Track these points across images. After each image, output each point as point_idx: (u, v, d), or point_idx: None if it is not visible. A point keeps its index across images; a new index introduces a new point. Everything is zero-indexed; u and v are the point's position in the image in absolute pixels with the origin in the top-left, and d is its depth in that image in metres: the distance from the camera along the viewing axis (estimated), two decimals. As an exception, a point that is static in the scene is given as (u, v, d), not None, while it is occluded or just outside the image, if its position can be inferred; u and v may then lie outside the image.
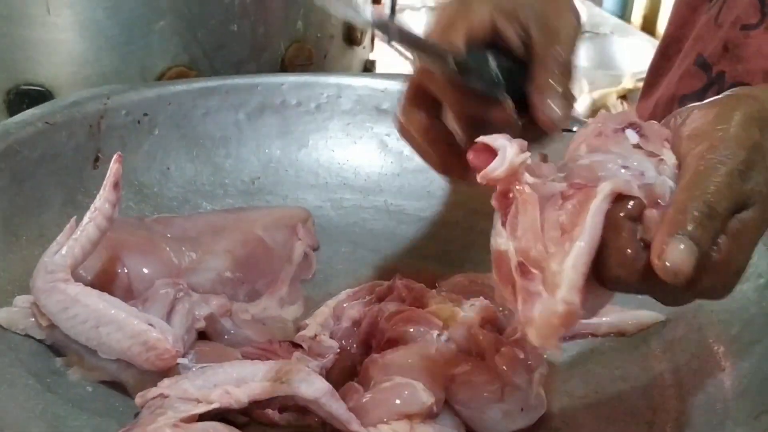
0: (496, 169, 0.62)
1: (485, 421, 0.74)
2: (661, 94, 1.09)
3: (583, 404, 0.79)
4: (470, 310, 0.80)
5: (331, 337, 0.82)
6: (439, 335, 0.77)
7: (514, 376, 0.75)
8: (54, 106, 0.93)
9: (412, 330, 0.78)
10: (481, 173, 0.63)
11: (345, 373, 0.78)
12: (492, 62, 0.73)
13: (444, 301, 0.81)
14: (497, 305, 0.81)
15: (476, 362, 0.75)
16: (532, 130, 0.73)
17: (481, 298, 0.82)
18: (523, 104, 0.73)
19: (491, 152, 0.63)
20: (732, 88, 0.94)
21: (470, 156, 0.64)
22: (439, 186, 1.02)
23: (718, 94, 0.97)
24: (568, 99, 0.73)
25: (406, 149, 1.03)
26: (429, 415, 0.73)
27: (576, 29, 0.75)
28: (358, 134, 1.05)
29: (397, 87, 1.04)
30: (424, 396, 0.72)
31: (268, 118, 1.03)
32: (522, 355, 0.76)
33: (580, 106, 2.39)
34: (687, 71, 1.04)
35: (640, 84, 2.35)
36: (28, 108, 0.99)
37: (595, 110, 2.40)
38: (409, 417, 0.71)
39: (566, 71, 0.73)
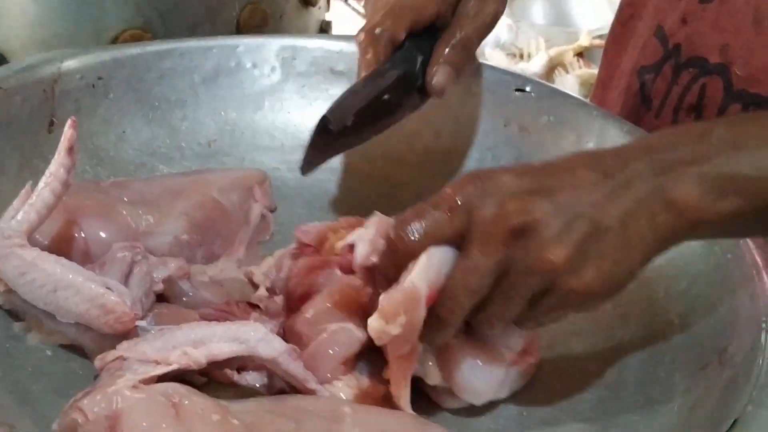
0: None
1: None
2: (624, 65, 1.10)
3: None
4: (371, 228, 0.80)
5: (272, 287, 0.83)
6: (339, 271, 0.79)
7: None
8: (7, 70, 0.92)
9: (319, 278, 0.80)
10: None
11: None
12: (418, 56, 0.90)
13: (343, 235, 0.81)
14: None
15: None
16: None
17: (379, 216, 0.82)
18: None
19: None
20: (688, 60, 0.96)
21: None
22: (393, 147, 1.03)
23: (674, 67, 0.99)
24: (455, 71, 0.90)
25: (362, 111, 1.04)
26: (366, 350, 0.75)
27: (493, 17, 0.91)
28: (313, 96, 1.05)
29: (351, 48, 1.05)
30: (359, 333, 0.74)
31: (224, 80, 1.03)
32: None
33: (537, 65, 2.41)
34: (647, 42, 1.05)
35: (597, 41, 2.38)
36: (-19, 71, 0.99)
37: (552, 67, 2.42)
38: (347, 362, 0.74)
39: (465, 52, 0.90)
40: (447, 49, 0.90)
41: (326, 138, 0.86)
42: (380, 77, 0.88)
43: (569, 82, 2.38)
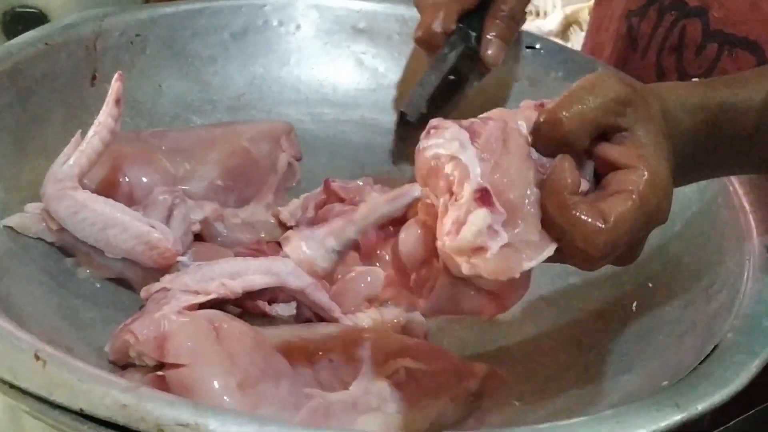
0: None
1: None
2: (614, 10, 1.16)
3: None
4: None
5: (296, 224, 0.92)
6: None
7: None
8: (52, 27, 0.99)
9: None
10: None
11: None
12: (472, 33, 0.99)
13: (379, 194, 0.90)
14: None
15: None
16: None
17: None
18: None
19: None
20: (671, 4, 1.02)
21: None
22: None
23: (658, 11, 1.05)
24: (506, 42, 0.99)
25: (381, 67, 1.12)
26: None
27: None
28: (336, 53, 1.12)
29: (372, 7, 1.12)
30: (384, 277, 0.81)
31: (252, 37, 1.10)
32: None
33: (553, 22, 2.46)
34: None
35: (612, 0, 2.42)
36: (23, 30, 1.05)
37: (567, 25, 2.46)
38: (372, 300, 0.81)
39: (510, 22, 0.99)
40: (496, 22, 0.99)
41: (408, 129, 0.95)
42: (442, 62, 0.98)
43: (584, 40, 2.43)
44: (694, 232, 0.88)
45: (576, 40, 2.43)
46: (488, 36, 0.99)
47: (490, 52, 0.99)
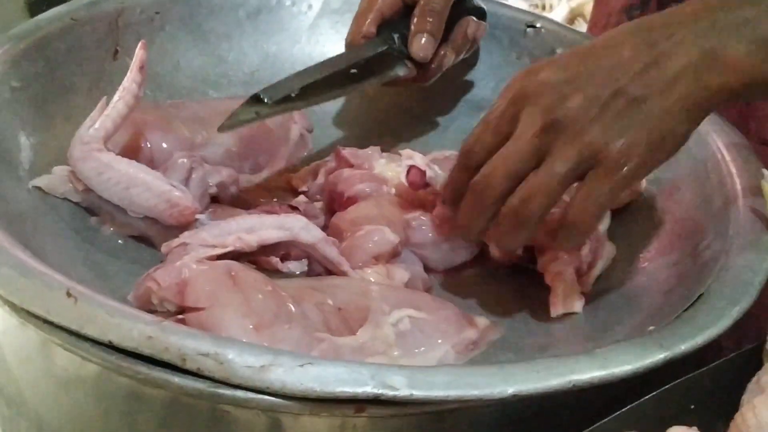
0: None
1: (436, 257, 0.91)
2: (614, 4, 1.18)
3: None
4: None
5: (307, 191, 0.98)
6: (388, 190, 0.93)
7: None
8: (77, 3, 1.04)
9: (366, 188, 0.93)
10: None
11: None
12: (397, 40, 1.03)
13: (386, 163, 0.96)
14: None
15: (422, 210, 0.91)
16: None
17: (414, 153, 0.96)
18: None
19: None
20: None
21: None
22: (419, 76, 1.15)
23: (659, 4, 1.08)
24: (434, 38, 1.02)
25: (389, 43, 1.16)
26: (395, 254, 0.88)
27: None
28: (345, 31, 1.16)
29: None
30: (391, 236, 0.87)
31: (265, 16, 1.15)
32: None
33: (558, 15, 2.50)
34: None
35: (617, -7, 2.46)
36: (47, 8, 1.11)
37: (572, 18, 2.51)
38: (379, 258, 0.86)
39: (434, 15, 1.02)
40: (420, 18, 1.02)
41: (258, 107, 0.92)
42: (341, 58, 1.02)
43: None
44: (683, 196, 0.93)
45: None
46: (414, 32, 1.01)
47: (415, 47, 1.01)
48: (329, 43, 1.16)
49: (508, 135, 0.77)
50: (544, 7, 2.56)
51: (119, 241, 0.89)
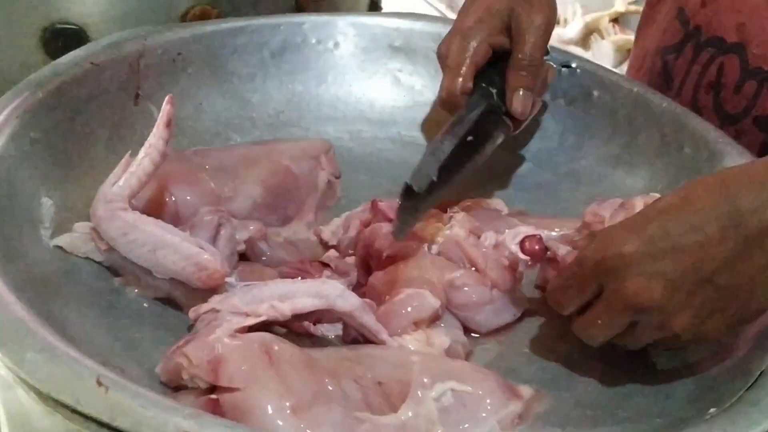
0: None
1: (479, 320, 0.87)
2: (648, 45, 1.16)
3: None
4: (454, 224, 0.91)
5: (338, 245, 0.94)
6: (429, 249, 0.89)
7: (500, 280, 0.87)
8: (96, 46, 1.00)
9: (407, 247, 0.89)
10: None
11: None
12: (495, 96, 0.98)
13: (426, 217, 0.92)
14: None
15: (466, 269, 0.87)
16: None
17: (460, 212, 0.94)
18: None
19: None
20: (707, 41, 1.03)
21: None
22: (447, 118, 1.10)
23: (695, 47, 1.06)
24: (532, 92, 0.98)
25: (418, 84, 1.14)
26: (435, 318, 0.84)
27: (545, 26, 0.98)
28: (372, 70, 1.13)
29: (408, 25, 1.14)
30: (432, 301, 0.83)
31: (290, 55, 1.11)
32: (506, 262, 0.88)
33: (573, 30, 2.47)
34: (669, 24, 1.12)
35: (633, 7, 2.43)
36: (62, 45, 1.07)
37: (587, 33, 2.48)
38: (418, 323, 0.82)
39: (531, 69, 0.97)
40: (518, 73, 0.97)
41: (413, 200, 0.88)
42: (459, 125, 0.94)
43: (605, 48, 2.44)
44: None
45: (596, 49, 2.44)
46: (512, 88, 0.97)
47: (516, 104, 0.97)
48: (356, 82, 1.13)
49: (592, 294, 0.79)
50: (558, 23, 2.52)
51: (144, 304, 0.85)
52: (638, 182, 1.03)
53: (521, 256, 0.89)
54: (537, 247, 0.88)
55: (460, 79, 0.97)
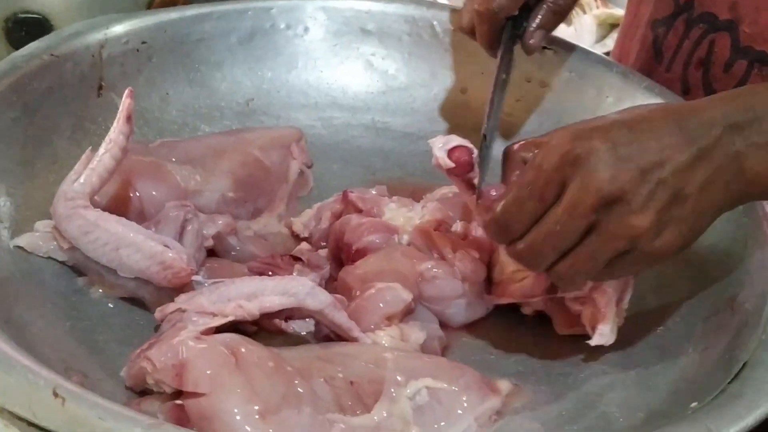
0: None
1: (452, 312, 0.84)
2: (641, 15, 1.13)
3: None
4: (424, 214, 0.89)
5: (310, 237, 0.91)
6: (399, 240, 0.87)
7: (470, 271, 0.84)
8: (57, 37, 0.97)
9: (376, 239, 0.86)
10: None
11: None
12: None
13: (397, 207, 0.89)
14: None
15: (437, 261, 0.84)
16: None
17: (432, 201, 0.91)
18: None
19: None
20: (699, 16, 1.00)
21: None
22: (422, 103, 1.08)
23: (686, 22, 1.03)
24: (548, 32, 0.96)
25: (391, 68, 1.11)
26: (408, 312, 0.82)
27: None
28: (344, 54, 1.10)
29: (380, 8, 1.10)
30: (404, 294, 0.81)
31: (259, 41, 1.08)
32: (476, 254, 0.85)
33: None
34: None
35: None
36: (26, 34, 1.04)
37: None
38: (391, 318, 0.80)
39: (559, 13, 0.96)
40: (545, 11, 0.96)
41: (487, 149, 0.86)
42: (508, 64, 0.95)
43: (587, 23, 2.40)
44: (716, 242, 0.86)
45: (578, 23, 2.41)
46: (533, 24, 0.96)
47: (533, 41, 0.97)
48: (328, 67, 1.10)
49: (551, 202, 0.73)
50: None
51: (109, 304, 0.82)
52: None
53: (447, 163, 0.83)
54: (465, 158, 0.82)
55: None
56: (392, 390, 0.73)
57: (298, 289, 0.76)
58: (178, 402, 0.69)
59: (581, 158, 0.71)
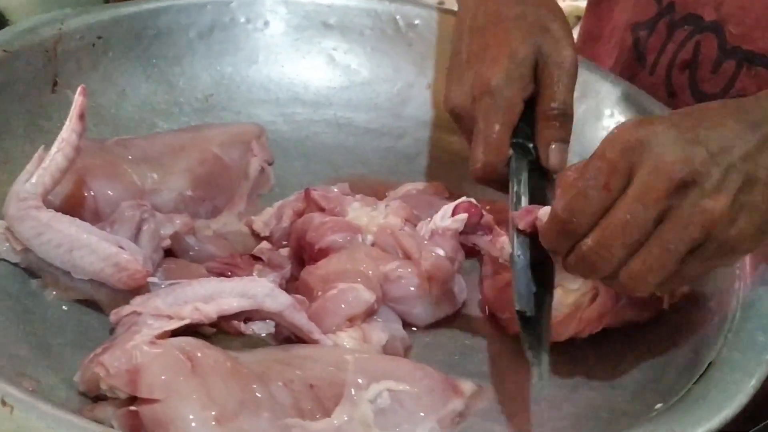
0: None
1: (417, 312, 0.83)
2: (617, 19, 1.12)
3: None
4: (388, 213, 0.87)
5: (270, 236, 0.89)
6: (363, 239, 0.85)
7: (436, 270, 0.83)
8: (10, 33, 0.95)
9: (339, 239, 0.85)
10: None
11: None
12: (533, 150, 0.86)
13: (360, 206, 0.88)
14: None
15: (402, 260, 0.83)
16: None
17: (396, 199, 0.90)
18: None
19: None
20: (683, 18, 0.99)
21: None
22: (386, 98, 1.07)
23: (669, 25, 1.02)
24: (566, 142, 0.86)
25: (354, 63, 1.09)
26: (371, 313, 0.80)
27: (574, 64, 0.87)
28: (306, 49, 1.08)
29: (343, 2, 1.09)
30: (366, 295, 0.79)
31: (219, 35, 1.06)
32: (442, 252, 0.84)
33: None
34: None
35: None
36: (-19, 29, 1.01)
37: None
38: (353, 319, 0.78)
39: (565, 119, 0.86)
40: (551, 124, 0.86)
41: (534, 325, 0.75)
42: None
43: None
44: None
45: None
46: (545, 142, 0.85)
47: (553, 160, 0.85)
48: (289, 62, 1.08)
49: (618, 192, 0.69)
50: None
51: (63, 307, 0.80)
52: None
53: (451, 225, 0.82)
54: (473, 210, 0.81)
55: (498, 148, 0.85)
56: (353, 393, 0.72)
57: (256, 291, 0.75)
58: (133, 408, 0.67)
59: (648, 142, 0.68)
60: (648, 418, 0.66)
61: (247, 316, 0.78)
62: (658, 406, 0.68)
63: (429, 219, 0.86)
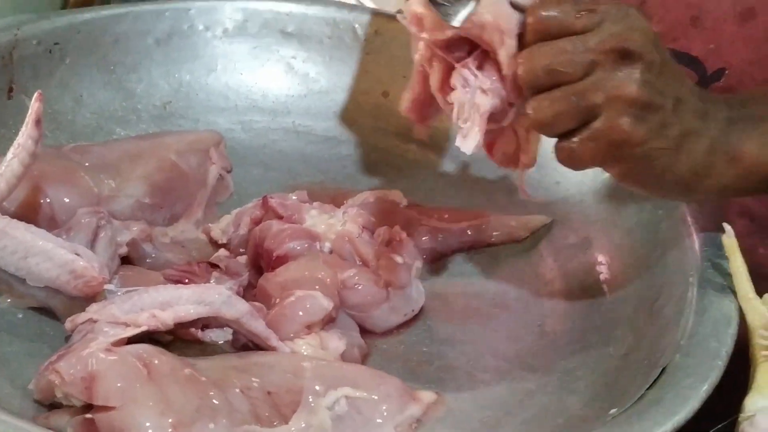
0: None
1: (375, 319, 0.83)
2: None
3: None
4: (345, 221, 0.88)
5: (228, 244, 0.89)
6: (321, 247, 0.86)
7: (395, 277, 0.83)
8: (-36, 39, 0.94)
9: (297, 246, 0.85)
10: None
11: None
12: None
13: (318, 214, 0.88)
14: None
15: (360, 267, 0.84)
16: None
17: (353, 207, 0.90)
18: None
19: None
20: None
21: None
22: (341, 109, 1.07)
23: None
24: None
25: (312, 71, 1.09)
26: (329, 320, 0.81)
27: None
28: (265, 57, 1.08)
29: (301, 10, 1.09)
30: (324, 302, 0.80)
31: (177, 43, 1.06)
32: (400, 259, 0.85)
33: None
34: None
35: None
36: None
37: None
38: (311, 326, 0.79)
39: None
40: None
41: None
42: None
43: None
44: (636, 244, 0.87)
45: None
46: None
47: None
48: (247, 70, 1.08)
49: (584, 29, 0.70)
50: None
51: (18, 314, 0.79)
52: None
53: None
54: None
55: None
56: (311, 400, 0.72)
57: (213, 298, 0.75)
58: (88, 416, 0.67)
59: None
60: (602, 423, 0.67)
61: (205, 323, 0.78)
62: (613, 411, 0.69)
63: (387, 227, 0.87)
